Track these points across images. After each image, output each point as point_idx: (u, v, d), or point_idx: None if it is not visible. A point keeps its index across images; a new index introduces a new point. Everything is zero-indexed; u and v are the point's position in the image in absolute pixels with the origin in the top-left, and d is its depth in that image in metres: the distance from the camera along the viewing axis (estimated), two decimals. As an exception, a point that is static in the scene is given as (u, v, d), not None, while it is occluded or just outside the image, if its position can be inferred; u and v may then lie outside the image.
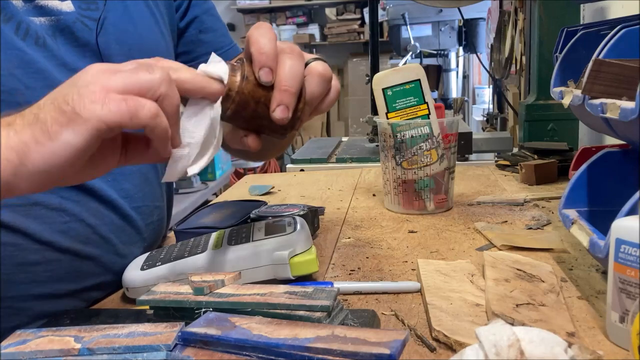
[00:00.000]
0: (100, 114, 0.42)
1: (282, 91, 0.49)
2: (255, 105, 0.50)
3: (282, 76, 0.49)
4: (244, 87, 0.49)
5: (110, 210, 0.68)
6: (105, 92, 0.43)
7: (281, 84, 0.49)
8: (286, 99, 0.49)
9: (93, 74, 0.44)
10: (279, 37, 4.17)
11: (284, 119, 0.49)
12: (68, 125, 0.42)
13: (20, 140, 0.42)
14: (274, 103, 0.49)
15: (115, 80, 0.43)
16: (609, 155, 0.66)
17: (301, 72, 0.50)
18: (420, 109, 0.90)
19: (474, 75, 4.23)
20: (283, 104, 0.49)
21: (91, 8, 0.67)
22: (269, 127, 0.52)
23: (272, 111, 0.49)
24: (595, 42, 0.65)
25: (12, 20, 0.61)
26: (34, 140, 0.42)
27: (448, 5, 2.23)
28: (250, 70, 0.49)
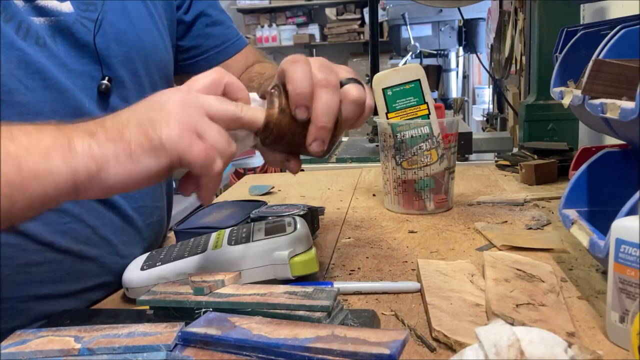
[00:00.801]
0: (184, 154, 0.45)
1: (318, 128, 0.51)
2: (292, 137, 0.52)
3: (319, 112, 0.51)
4: (281, 120, 0.51)
5: (110, 210, 0.68)
6: (195, 136, 0.46)
7: (318, 121, 0.51)
8: (322, 134, 0.51)
9: (185, 107, 0.47)
10: (278, 37, 4.16)
11: (320, 152, 0.52)
12: (151, 152, 0.45)
13: (103, 153, 0.44)
14: (310, 138, 0.51)
15: (207, 131, 0.47)
16: (609, 155, 0.66)
17: (336, 106, 0.52)
18: (420, 109, 0.90)
19: (474, 75, 4.23)
20: (319, 139, 0.51)
21: (90, 9, 0.67)
22: (307, 152, 0.54)
23: (309, 145, 0.51)
24: (595, 42, 0.65)
25: (13, 20, 0.61)
26: (115, 157, 0.45)
27: (448, 5, 2.23)
28: (287, 103, 0.51)
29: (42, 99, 0.61)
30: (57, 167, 0.43)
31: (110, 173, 0.44)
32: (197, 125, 0.46)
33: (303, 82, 0.50)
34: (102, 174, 0.44)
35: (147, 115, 0.46)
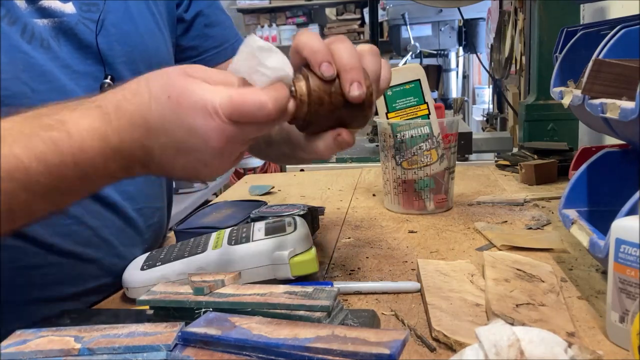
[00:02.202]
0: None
1: (348, 70, 0.50)
2: (330, 97, 0.50)
3: (343, 59, 0.50)
4: (313, 85, 0.49)
5: (111, 212, 0.68)
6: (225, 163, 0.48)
7: (345, 66, 0.50)
8: (355, 74, 0.50)
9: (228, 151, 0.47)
10: (278, 37, 4.17)
11: (361, 95, 0.49)
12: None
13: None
14: (346, 84, 0.49)
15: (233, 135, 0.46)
16: (609, 155, 0.66)
17: (355, 50, 0.51)
18: (420, 109, 0.90)
19: (474, 75, 4.23)
20: (355, 80, 0.49)
21: (92, 10, 0.67)
22: (350, 115, 0.51)
23: (348, 92, 0.49)
24: (595, 42, 0.65)
25: (17, 22, 0.60)
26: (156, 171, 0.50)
27: (448, 5, 2.23)
28: (310, 72, 0.50)
29: (47, 101, 0.61)
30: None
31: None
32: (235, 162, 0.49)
33: (316, 41, 0.50)
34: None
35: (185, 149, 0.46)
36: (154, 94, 0.46)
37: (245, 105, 0.45)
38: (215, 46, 0.85)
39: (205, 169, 0.48)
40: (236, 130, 0.45)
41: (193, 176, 0.49)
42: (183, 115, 0.45)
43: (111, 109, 0.46)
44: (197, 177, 0.50)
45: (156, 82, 0.47)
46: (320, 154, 0.53)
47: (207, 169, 0.48)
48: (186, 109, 0.45)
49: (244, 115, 0.45)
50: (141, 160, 0.47)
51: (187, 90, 0.45)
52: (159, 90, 0.46)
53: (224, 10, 0.88)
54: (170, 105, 0.45)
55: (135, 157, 0.47)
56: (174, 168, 0.48)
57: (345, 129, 0.52)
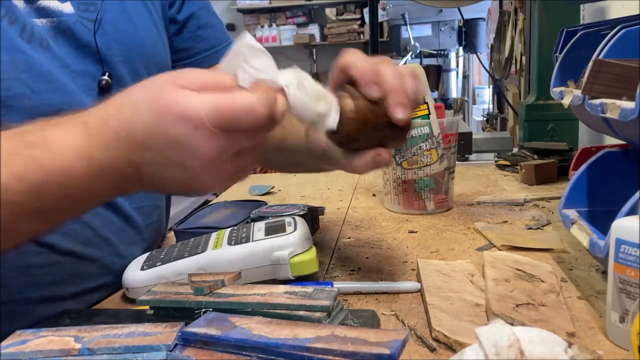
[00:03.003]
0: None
1: (395, 93, 0.50)
2: (375, 118, 0.51)
3: (389, 82, 0.51)
4: (359, 104, 0.50)
5: (111, 211, 0.68)
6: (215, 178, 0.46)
7: (392, 88, 0.50)
8: (401, 98, 0.50)
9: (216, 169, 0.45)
10: (278, 37, 4.17)
11: (405, 118, 0.51)
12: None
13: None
14: (392, 106, 0.50)
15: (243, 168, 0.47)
16: (609, 155, 0.66)
17: (399, 72, 0.52)
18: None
19: (474, 75, 4.23)
20: (400, 104, 0.50)
21: (90, 9, 0.67)
22: (391, 136, 0.53)
23: (393, 114, 0.50)
24: (595, 42, 0.65)
25: (17, 22, 0.60)
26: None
27: (448, 5, 2.23)
28: (355, 92, 0.51)
29: (48, 102, 0.61)
30: None
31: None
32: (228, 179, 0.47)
33: (362, 61, 0.51)
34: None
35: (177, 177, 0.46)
36: (138, 108, 0.44)
37: (232, 110, 0.43)
38: (207, 48, 0.84)
39: (197, 183, 0.46)
40: (225, 139, 0.43)
41: (187, 191, 0.47)
42: (167, 128, 0.43)
43: (96, 125, 0.45)
44: (191, 192, 0.47)
45: (140, 96, 0.45)
46: (358, 170, 0.54)
47: (198, 183, 0.46)
48: (170, 122, 0.43)
49: (232, 121, 0.43)
50: (131, 177, 0.46)
51: (170, 102, 0.43)
52: (143, 104, 0.44)
53: (216, 14, 0.88)
54: (154, 118, 0.44)
55: (124, 174, 0.45)
56: (165, 183, 0.46)
57: (384, 149, 0.53)
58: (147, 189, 0.48)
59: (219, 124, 0.43)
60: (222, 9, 5.45)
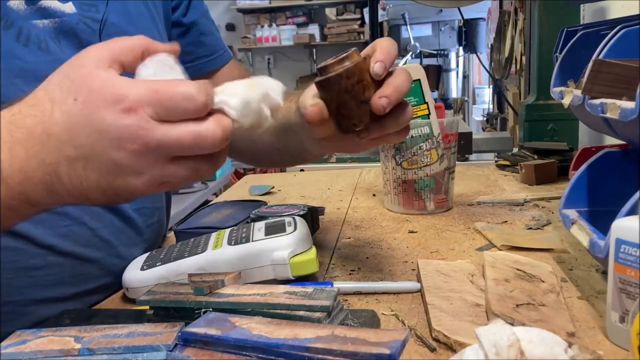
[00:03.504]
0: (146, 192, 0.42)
1: (392, 87, 0.52)
2: (357, 83, 0.52)
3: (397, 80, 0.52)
4: (362, 64, 0.52)
5: (111, 212, 0.68)
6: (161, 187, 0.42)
7: (394, 83, 0.52)
8: (393, 95, 0.51)
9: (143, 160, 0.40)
10: (278, 37, 4.17)
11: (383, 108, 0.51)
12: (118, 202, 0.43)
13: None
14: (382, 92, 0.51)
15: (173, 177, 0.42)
16: (609, 155, 0.66)
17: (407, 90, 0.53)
18: (420, 109, 0.90)
19: (474, 75, 4.23)
20: (389, 97, 0.51)
21: (92, 10, 0.67)
22: (348, 111, 0.53)
23: (379, 97, 0.51)
24: (595, 42, 0.65)
25: (13, 26, 0.60)
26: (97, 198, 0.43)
27: (448, 5, 2.23)
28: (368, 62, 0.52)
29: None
30: None
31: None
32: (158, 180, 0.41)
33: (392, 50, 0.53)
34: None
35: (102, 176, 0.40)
36: (58, 100, 0.40)
37: (170, 94, 0.39)
38: (207, 54, 0.85)
39: (123, 182, 0.40)
40: (161, 130, 0.39)
41: (112, 195, 0.41)
42: (93, 116, 0.39)
43: (3, 126, 0.40)
44: (117, 197, 0.42)
45: (59, 86, 0.40)
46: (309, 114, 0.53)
47: (125, 183, 0.40)
48: (96, 108, 0.38)
49: (169, 105, 0.38)
50: (44, 183, 0.40)
51: (97, 86, 0.39)
52: (64, 93, 0.40)
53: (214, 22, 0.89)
54: (78, 108, 0.39)
55: (35, 180, 0.40)
56: (88, 188, 0.41)
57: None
58: (64, 199, 0.42)
59: (154, 109, 0.38)
60: (222, 9, 5.46)
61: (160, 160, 0.40)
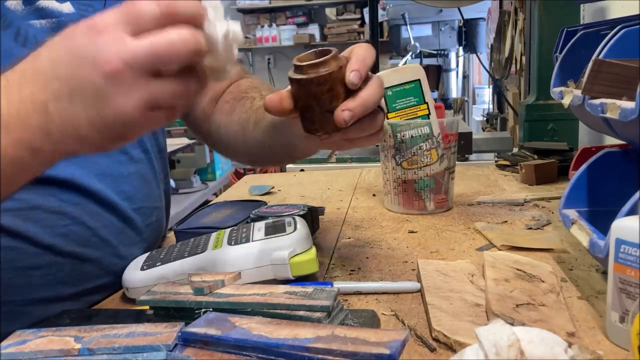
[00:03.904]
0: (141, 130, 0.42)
1: (359, 102, 0.52)
2: (327, 92, 0.52)
3: (366, 92, 0.52)
4: (336, 74, 0.52)
5: (110, 212, 0.68)
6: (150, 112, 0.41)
7: (362, 97, 0.52)
8: (358, 110, 0.52)
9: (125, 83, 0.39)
10: (278, 37, 4.18)
11: (345, 122, 0.52)
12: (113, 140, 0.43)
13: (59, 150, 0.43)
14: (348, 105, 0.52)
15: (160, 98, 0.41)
16: (609, 155, 0.66)
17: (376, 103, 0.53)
18: (420, 109, 0.90)
19: (474, 75, 4.23)
20: (353, 111, 0.52)
21: (89, 10, 0.67)
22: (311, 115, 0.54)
23: (342, 110, 0.52)
24: (595, 42, 0.65)
25: (11, 26, 0.60)
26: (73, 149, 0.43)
27: (448, 5, 2.23)
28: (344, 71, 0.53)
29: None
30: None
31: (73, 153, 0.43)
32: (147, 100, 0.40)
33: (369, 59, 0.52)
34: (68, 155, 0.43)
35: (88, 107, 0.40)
36: (47, 44, 0.42)
37: (138, 5, 0.39)
38: None
39: (111, 111, 0.39)
40: (131, 44, 0.39)
41: (105, 130, 0.41)
42: (70, 45, 0.40)
43: (3, 75, 0.42)
44: (111, 132, 0.41)
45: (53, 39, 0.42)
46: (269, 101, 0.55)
47: (113, 111, 0.39)
48: (73, 38, 0.40)
49: (137, 20, 0.39)
50: (40, 127, 0.41)
51: (82, 22, 0.40)
52: (53, 39, 0.42)
53: None
54: (60, 42, 0.41)
55: (32, 123, 0.41)
56: (79, 125, 0.40)
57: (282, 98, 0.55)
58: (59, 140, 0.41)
59: (125, 26, 0.39)
60: (222, 9, 5.45)
61: (142, 77, 0.40)
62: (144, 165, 0.74)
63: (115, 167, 0.69)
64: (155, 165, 0.77)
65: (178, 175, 2.86)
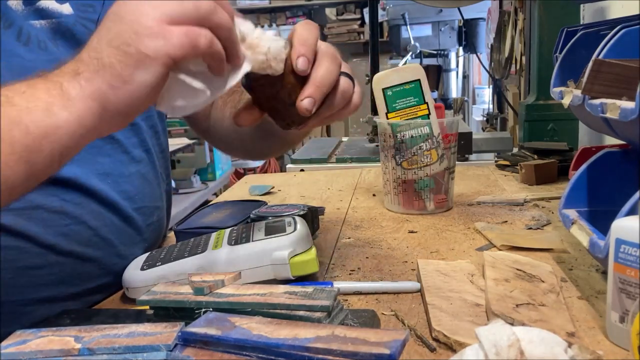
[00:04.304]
0: (166, 50, 0.43)
1: (315, 86, 0.51)
2: (282, 89, 0.52)
3: (319, 73, 0.51)
4: (285, 67, 0.51)
5: (111, 212, 0.68)
6: (162, 26, 0.43)
7: (316, 79, 0.51)
8: (317, 94, 0.51)
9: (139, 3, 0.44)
10: (279, 37, 4.09)
11: (309, 111, 0.51)
12: (138, 66, 0.43)
13: (96, 87, 0.43)
14: (305, 93, 0.51)
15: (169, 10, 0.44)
16: (609, 155, 0.66)
17: (334, 78, 0.53)
18: (420, 109, 0.90)
19: (474, 75, 4.23)
20: (312, 97, 0.51)
21: (89, 10, 0.67)
22: (279, 114, 0.54)
23: (301, 100, 0.51)
24: (595, 42, 0.65)
25: (13, 26, 0.60)
26: (109, 86, 0.43)
27: (448, 5, 2.23)
28: (289, 56, 0.51)
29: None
30: (63, 119, 0.43)
31: (115, 102, 0.44)
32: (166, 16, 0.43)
33: (310, 38, 0.51)
34: (108, 106, 0.44)
35: (112, 30, 0.44)
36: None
37: None
38: None
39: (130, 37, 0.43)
40: None
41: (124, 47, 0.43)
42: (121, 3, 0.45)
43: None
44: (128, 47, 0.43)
45: None
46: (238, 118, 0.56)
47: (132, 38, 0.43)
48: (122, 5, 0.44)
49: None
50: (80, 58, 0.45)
51: None
52: None
53: None
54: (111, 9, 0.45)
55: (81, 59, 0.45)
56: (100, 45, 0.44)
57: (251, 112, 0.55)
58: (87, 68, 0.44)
59: None
60: (222, 9, 5.45)
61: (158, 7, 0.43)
62: (146, 165, 0.74)
63: (117, 166, 0.69)
64: (157, 165, 0.77)
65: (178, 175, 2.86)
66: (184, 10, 0.44)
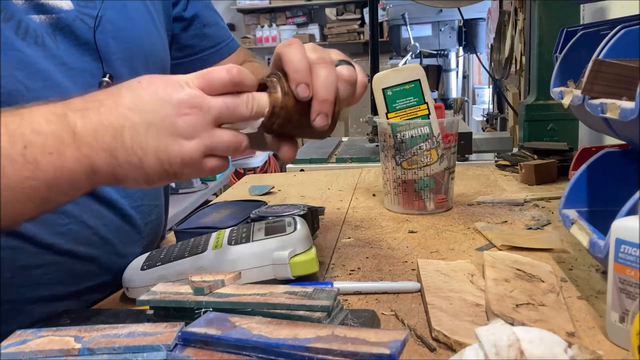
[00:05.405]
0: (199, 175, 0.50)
1: (320, 102, 0.52)
2: (299, 117, 0.53)
3: (319, 87, 0.52)
4: (287, 102, 0.52)
5: (110, 210, 0.68)
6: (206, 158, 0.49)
7: (319, 95, 0.52)
8: (324, 108, 0.52)
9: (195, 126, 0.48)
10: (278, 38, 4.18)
11: (325, 126, 0.53)
12: (166, 179, 0.49)
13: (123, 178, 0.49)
14: (314, 113, 0.52)
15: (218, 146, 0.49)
16: (609, 155, 0.66)
17: (334, 80, 0.53)
18: (420, 109, 0.90)
19: (474, 75, 4.23)
20: (322, 112, 0.52)
21: (89, 6, 0.67)
22: (311, 133, 0.56)
23: (313, 120, 0.53)
24: (595, 42, 0.65)
25: (12, 19, 0.60)
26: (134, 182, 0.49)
27: (448, 5, 2.23)
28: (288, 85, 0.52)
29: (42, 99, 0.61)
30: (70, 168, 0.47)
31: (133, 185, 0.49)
32: (207, 146, 0.48)
33: (300, 61, 0.52)
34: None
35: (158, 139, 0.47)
36: (124, 85, 0.48)
37: (212, 72, 0.49)
38: (212, 45, 0.86)
39: (177, 146, 0.47)
40: (209, 98, 0.48)
41: (165, 162, 0.47)
42: (157, 90, 0.47)
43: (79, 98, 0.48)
44: (169, 166, 0.48)
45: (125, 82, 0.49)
46: (282, 155, 0.57)
47: (179, 146, 0.47)
48: (159, 85, 0.48)
49: (212, 80, 0.48)
50: (108, 149, 0.46)
51: (156, 76, 0.49)
52: (129, 81, 0.49)
53: (217, 11, 0.90)
54: (143, 86, 0.48)
55: (101, 143, 0.46)
56: (146, 152, 0.47)
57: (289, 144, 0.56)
58: (122, 166, 0.47)
59: (201, 83, 0.48)
60: (222, 9, 5.45)
61: (209, 125, 0.48)
62: None
63: None
64: None
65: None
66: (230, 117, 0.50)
